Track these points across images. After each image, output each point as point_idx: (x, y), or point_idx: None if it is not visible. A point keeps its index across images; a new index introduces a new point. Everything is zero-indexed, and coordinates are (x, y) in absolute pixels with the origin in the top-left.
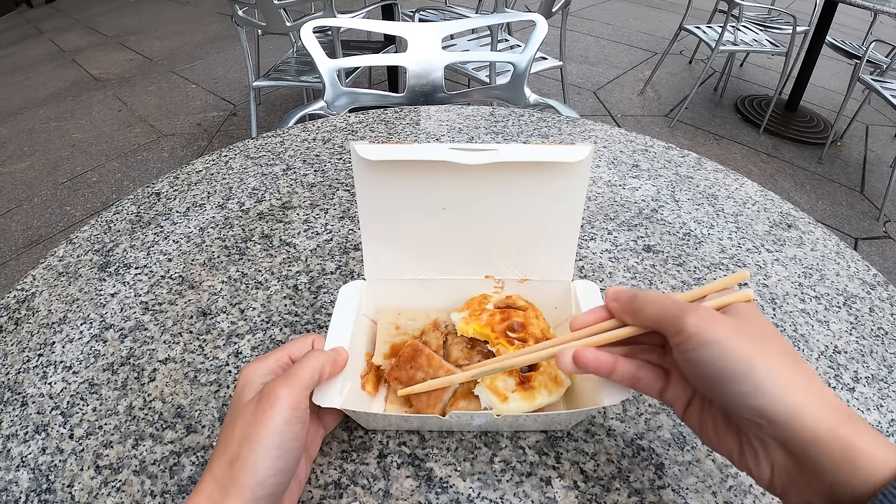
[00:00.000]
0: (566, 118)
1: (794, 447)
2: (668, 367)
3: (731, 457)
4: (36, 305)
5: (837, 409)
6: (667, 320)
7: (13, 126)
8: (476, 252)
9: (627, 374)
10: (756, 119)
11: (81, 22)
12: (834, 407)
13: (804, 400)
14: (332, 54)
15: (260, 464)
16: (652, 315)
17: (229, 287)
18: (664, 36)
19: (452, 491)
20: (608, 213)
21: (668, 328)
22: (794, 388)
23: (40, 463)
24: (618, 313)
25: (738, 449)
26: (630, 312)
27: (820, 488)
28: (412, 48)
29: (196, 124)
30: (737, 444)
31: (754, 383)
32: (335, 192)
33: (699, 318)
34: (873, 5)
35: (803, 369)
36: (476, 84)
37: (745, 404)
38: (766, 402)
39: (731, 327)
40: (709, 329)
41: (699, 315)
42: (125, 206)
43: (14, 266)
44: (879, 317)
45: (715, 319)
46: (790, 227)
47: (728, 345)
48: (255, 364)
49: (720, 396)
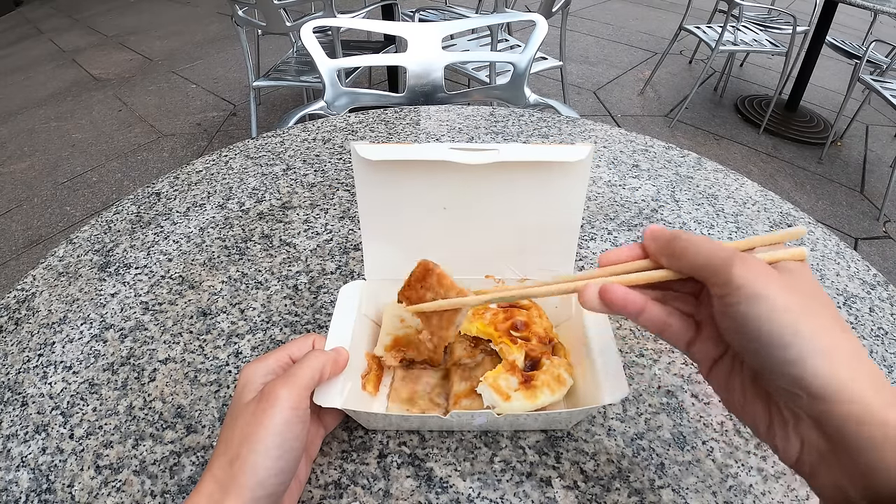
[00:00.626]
0: (566, 118)
1: (830, 426)
2: (700, 319)
3: (756, 427)
4: (36, 305)
5: (885, 389)
6: (711, 268)
7: (13, 126)
8: (476, 252)
9: (657, 318)
10: (756, 119)
11: (81, 22)
12: (882, 385)
13: (850, 375)
14: (332, 54)
15: (260, 464)
16: (694, 261)
17: (229, 287)
18: (664, 36)
19: (452, 491)
20: (608, 213)
21: (712, 277)
22: (841, 362)
23: (40, 463)
24: (654, 254)
25: (766, 419)
26: (669, 255)
27: (855, 472)
28: (412, 48)
29: (196, 124)
30: (765, 413)
31: (799, 350)
32: (335, 192)
33: (748, 269)
34: (873, 5)
35: (852, 341)
36: (476, 84)
37: (785, 372)
38: (810, 374)
39: (782, 284)
40: (758, 282)
41: (749, 266)
42: (125, 206)
43: (14, 266)
44: (879, 317)
45: (766, 273)
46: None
47: (777, 303)
48: (256, 364)
49: (758, 359)
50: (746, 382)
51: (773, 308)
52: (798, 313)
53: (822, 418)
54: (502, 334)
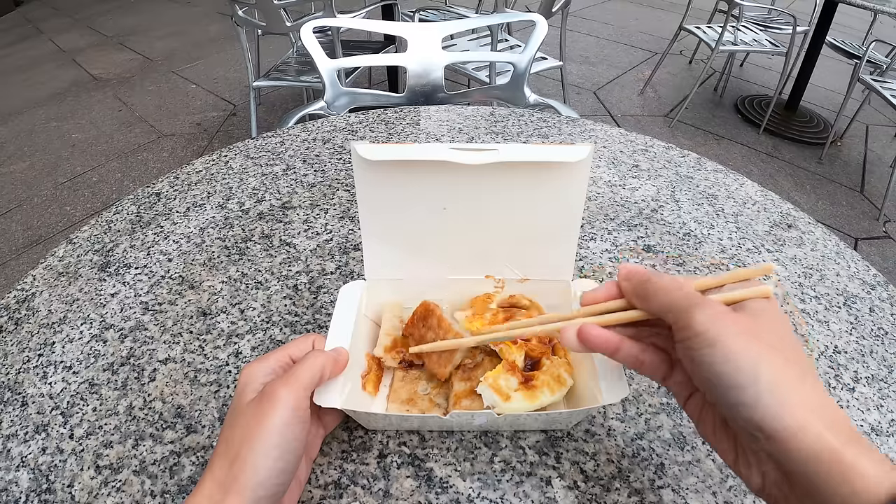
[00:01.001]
0: (566, 118)
1: (787, 466)
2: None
3: (725, 458)
4: (36, 305)
5: (840, 429)
6: (674, 313)
7: (13, 126)
8: (476, 252)
9: (632, 355)
10: (756, 119)
11: (81, 22)
12: (837, 425)
13: (805, 417)
14: (332, 54)
15: (260, 464)
16: (660, 304)
17: (229, 287)
18: (664, 36)
19: (452, 491)
20: (608, 213)
21: (675, 321)
22: (796, 404)
23: (40, 463)
24: (628, 294)
25: (733, 453)
26: (639, 297)
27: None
28: (412, 48)
29: (196, 124)
30: (732, 448)
31: (755, 395)
32: (335, 192)
33: (708, 316)
34: (873, 5)
35: (808, 382)
36: (476, 84)
37: (742, 415)
38: (765, 417)
39: (741, 329)
40: (715, 328)
41: (708, 313)
42: (125, 206)
43: (14, 266)
44: (879, 317)
45: (724, 319)
46: (790, 227)
47: (733, 349)
48: (256, 364)
49: (719, 401)
50: (717, 418)
51: (729, 354)
52: (755, 358)
53: (779, 457)
54: None
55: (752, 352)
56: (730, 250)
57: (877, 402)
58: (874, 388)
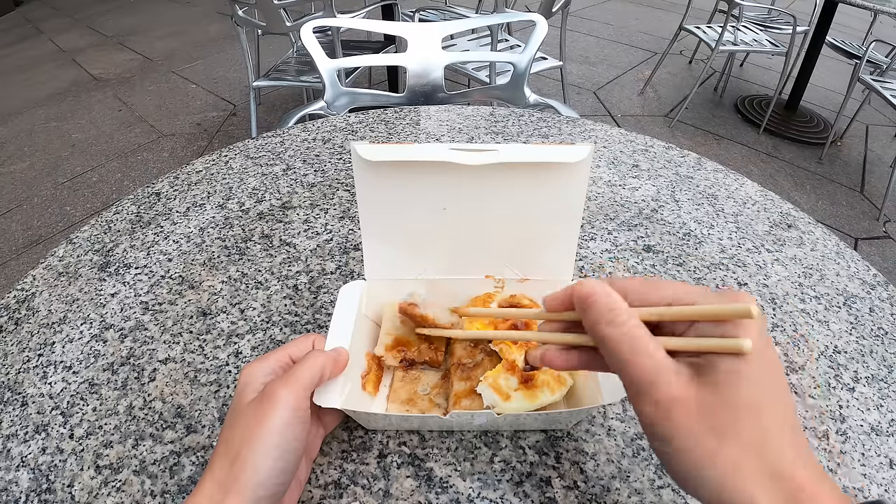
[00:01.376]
0: (566, 118)
1: None
2: None
3: None
4: (36, 305)
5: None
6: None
7: (13, 126)
8: (476, 252)
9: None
10: (756, 119)
11: (81, 22)
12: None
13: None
14: (332, 54)
15: (261, 464)
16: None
17: (229, 287)
18: (664, 36)
19: (452, 491)
20: (608, 213)
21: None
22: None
23: (40, 463)
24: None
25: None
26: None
27: None
28: (412, 48)
29: (196, 124)
30: None
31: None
32: (335, 192)
33: (657, 408)
34: (873, 5)
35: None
36: (476, 84)
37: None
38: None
39: (693, 419)
40: (666, 423)
41: (659, 406)
42: (125, 206)
43: (14, 266)
44: (879, 317)
45: (675, 410)
46: (790, 227)
47: (684, 444)
48: (256, 364)
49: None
50: None
51: (680, 449)
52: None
53: None
54: None
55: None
56: (730, 250)
57: (877, 402)
58: (874, 388)
